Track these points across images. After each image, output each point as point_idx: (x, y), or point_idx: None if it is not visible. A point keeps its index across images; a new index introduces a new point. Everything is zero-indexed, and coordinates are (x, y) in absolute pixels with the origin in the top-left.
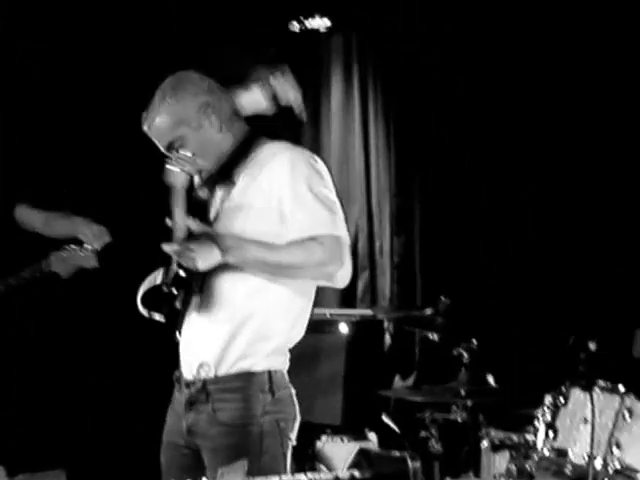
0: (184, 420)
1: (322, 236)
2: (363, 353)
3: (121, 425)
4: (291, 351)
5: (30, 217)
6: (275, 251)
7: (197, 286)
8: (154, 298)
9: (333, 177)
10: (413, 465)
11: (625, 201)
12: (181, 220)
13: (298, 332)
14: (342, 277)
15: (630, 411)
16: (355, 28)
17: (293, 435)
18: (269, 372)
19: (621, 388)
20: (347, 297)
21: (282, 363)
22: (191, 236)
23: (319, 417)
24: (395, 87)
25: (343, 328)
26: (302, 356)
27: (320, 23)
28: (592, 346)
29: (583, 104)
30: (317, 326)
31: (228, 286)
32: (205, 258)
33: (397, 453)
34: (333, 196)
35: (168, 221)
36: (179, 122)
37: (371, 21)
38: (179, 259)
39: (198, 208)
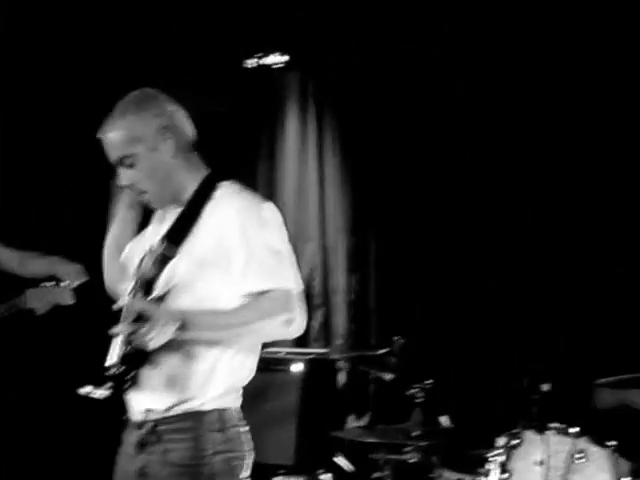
0: (135, 462)
1: (273, 290)
2: (317, 392)
3: (70, 468)
4: (244, 389)
5: (4, 257)
6: (227, 318)
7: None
8: (99, 377)
9: (286, 219)
10: None
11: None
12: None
13: (249, 370)
14: (295, 329)
15: (583, 453)
16: (311, 64)
17: (246, 474)
18: (219, 411)
19: (574, 430)
20: (301, 335)
21: (233, 401)
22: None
23: (272, 457)
24: (351, 123)
25: (297, 367)
26: (255, 395)
27: (276, 60)
28: (545, 388)
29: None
30: (271, 365)
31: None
32: (158, 338)
33: None
34: (285, 245)
35: (115, 306)
36: (135, 139)
37: (327, 57)
38: (131, 341)
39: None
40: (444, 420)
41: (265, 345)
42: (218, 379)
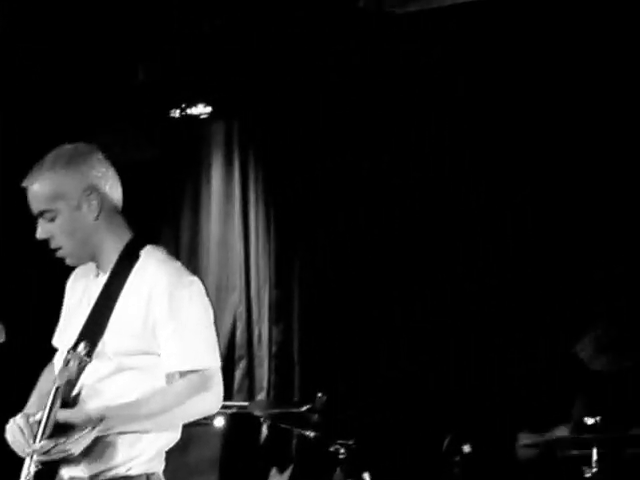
0: None
1: (192, 372)
2: (239, 447)
3: None
4: None
5: None
6: (149, 407)
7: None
8: None
9: (210, 269)
10: None
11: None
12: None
13: (175, 433)
14: (214, 406)
15: None
16: (236, 115)
17: None
18: (146, 475)
19: None
20: (224, 388)
21: (158, 464)
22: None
23: None
24: (276, 173)
25: (219, 421)
26: (175, 450)
27: (201, 110)
28: (466, 449)
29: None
30: None
31: None
32: (81, 444)
33: None
34: (210, 321)
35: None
36: (59, 195)
37: (253, 108)
38: (49, 457)
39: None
40: (367, 477)
41: None
42: (144, 444)
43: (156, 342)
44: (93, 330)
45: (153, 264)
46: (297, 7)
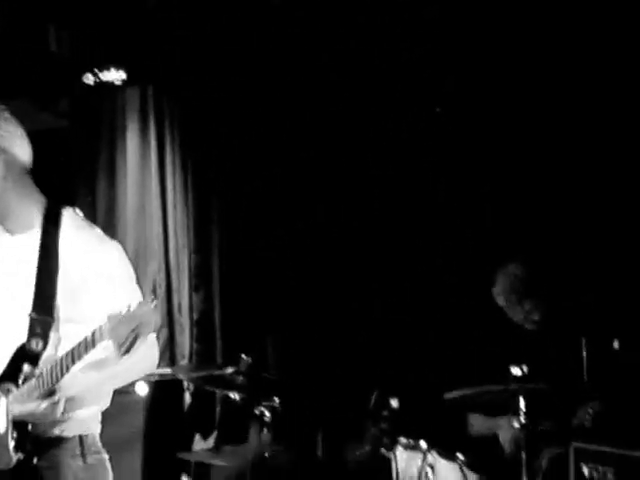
0: None
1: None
2: (163, 413)
3: None
4: None
5: None
6: (113, 382)
7: None
8: None
9: (127, 237)
10: None
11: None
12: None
13: (109, 395)
14: (155, 362)
15: (432, 467)
16: (151, 80)
17: None
18: (80, 437)
19: (423, 445)
20: None
21: (94, 426)
22: None
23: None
24: (193, 138)
25: (142, 388)
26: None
27: (115, 75)
28: (394, 404)
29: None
30: None
31: None
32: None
33: None
34: (134, 281)
35: None
36: None
37: (167, 72)
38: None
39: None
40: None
41: None
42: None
43: (81, 308)
44: (45, 293)
45: (75, 230)
46: None
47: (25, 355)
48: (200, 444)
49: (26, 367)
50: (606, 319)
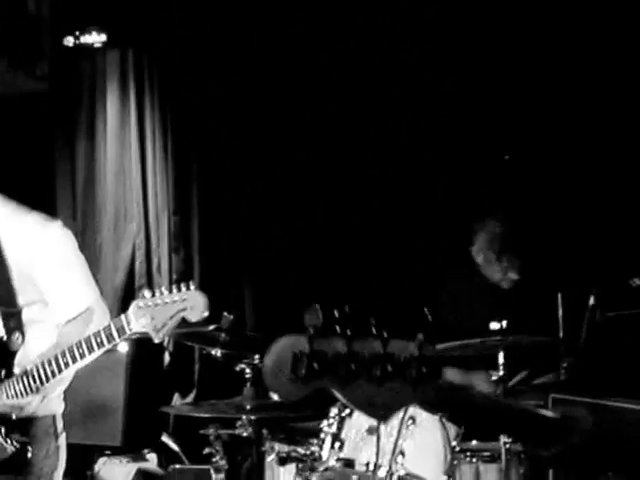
0: None
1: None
2: (143, 372)
3: None
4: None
5: None
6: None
7: None
8: None
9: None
10: (217, 478)
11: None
12: None
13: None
14: None
15: (413, 419)
16: (131, 43)
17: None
18: (53, 416)
19: None
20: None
21: (60, 406)
22: None
23: (99, 438)
24: (173, 102)
25: (122, 347)
26: (81, 377)
27: (96, 38)
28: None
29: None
30: None
31: None
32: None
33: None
34: (79, 258)
35: None
36: None
37: (148, 35)
38: None
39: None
40: (274, 395)
41: None
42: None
43: (39, 290)
44: (3, 285)
45: (12, 218)
46: None
47: (6, 350)
48: (179, 402)
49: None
50: (582, 275)
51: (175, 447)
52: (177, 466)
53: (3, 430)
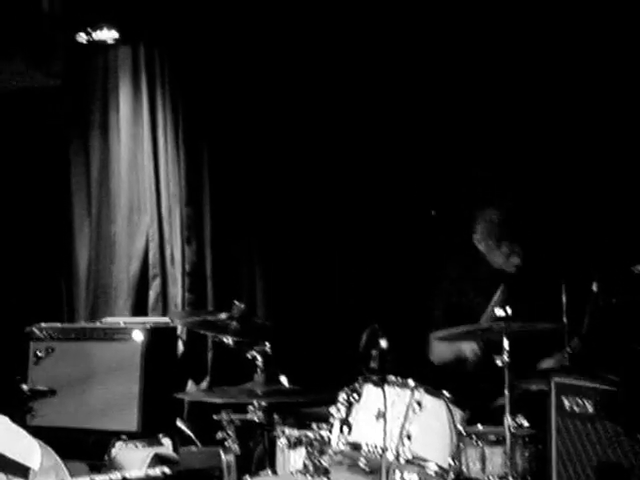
0: None
1: None
2: (158, 359)
3: None
4: (87, 360)
5: None
6: None
7: None
8: None
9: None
10: (227, 459)
11: None
12: None
13: None
14: None
15: (419, 404)
16: (142, 39)
17: None
18: None
19: (411, 382)
20: (139, 306)
21: None
22: None
23: (115, 424)
24: (184, 96)
25: (137, 336)
26: (98, 365)
27: (107, 35)
28: (383, 343)
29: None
30: (111, 335)
31: None
32: None
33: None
34: None
35: None
36: None
37: (158, 31)
38: None
39: None
40: (284, 381)
41: (103, 315)
42: None
43: None
44: None
45: None
46: None
47: None
48: (193, 388)
49: None
50: (585, 262)
51: (189, 432)
52: (192, 448)
53: None
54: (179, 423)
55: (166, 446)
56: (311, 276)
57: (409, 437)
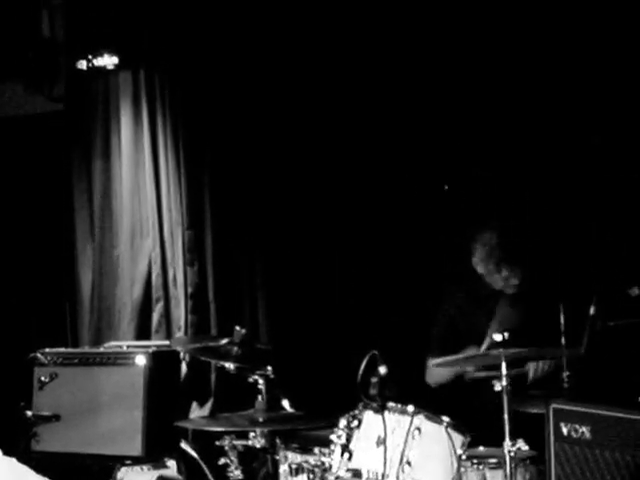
0: None
1: None
2: (161, 383)
3: None
4: (91, 385)
5: None
6: None
7: None
8: None
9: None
10: None
11: None
12: None
13: None
14: None
15: (419, 429)
16: (142, 64)
17: None
18: None
19: (410, 408)
20: (143, 328)
21: None
22: None
23: (120, 449)
24: (184, 120)
25: (140, 360)
26: (102, 390)
27: (108, 61)
28: (382, 370)
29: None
30: (114, 359)
31: None
32: None
33: None
34: None
35: None
36: None
37: (158, 57)
38: None
39: None
40: (286, 404)
41: (107, 338)
42: None
43: None
44: None
45: None
46: None
47: None
48: (197, 411)
49: None
50: (583, 285)
51: (193, 453)
52: None
53: None
54: (183, 445)
55: (171, 468)
56: (314, 297)
57: (409, 463)
